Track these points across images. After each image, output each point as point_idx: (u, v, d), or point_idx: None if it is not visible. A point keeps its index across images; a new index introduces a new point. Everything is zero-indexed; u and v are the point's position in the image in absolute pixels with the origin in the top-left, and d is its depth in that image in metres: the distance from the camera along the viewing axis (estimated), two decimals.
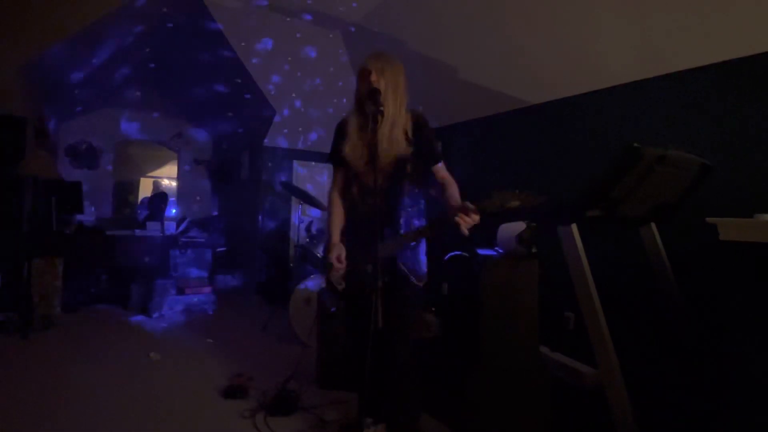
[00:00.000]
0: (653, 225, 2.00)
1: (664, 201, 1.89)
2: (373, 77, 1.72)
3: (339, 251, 1.79)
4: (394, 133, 1.72)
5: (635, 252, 2.14)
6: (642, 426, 1.78)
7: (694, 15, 2.08)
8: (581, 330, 2.19)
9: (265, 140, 5.09)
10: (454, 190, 1.74)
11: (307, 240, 3.91)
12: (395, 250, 1.73)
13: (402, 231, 1.76)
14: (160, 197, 5.57)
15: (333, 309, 1.90)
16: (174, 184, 6.75)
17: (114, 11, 3.28)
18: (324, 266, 1.95)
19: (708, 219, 1.85)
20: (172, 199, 6.37)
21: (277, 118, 4.78)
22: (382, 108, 1.64)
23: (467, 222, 1.45)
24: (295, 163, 5.34)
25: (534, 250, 2.26)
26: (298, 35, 3.94)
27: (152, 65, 4.72)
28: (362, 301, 1.84)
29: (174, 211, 6.42)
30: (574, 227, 1.79)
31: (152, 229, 4.49)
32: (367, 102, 1.69)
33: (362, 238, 1.77)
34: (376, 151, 1.59)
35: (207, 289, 4.68)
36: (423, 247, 1.86)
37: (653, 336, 2.34)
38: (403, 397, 1.82)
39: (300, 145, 5.29)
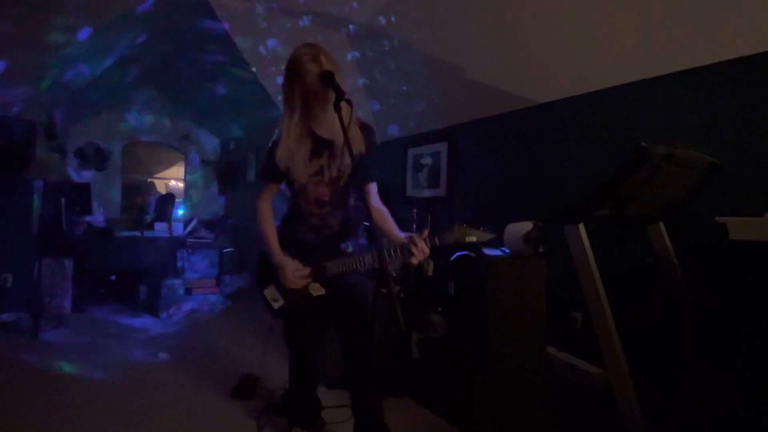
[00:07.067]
0: (661, 224, 1.98)
1: (673, 200, 1.88)
2: (323, 59, 1.45)
3: (295, 265, 1.70)
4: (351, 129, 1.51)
5: (643, 251, 2.13)
6: (651, 427, 1.77)
7: (701, 12, 2.06)
8: (589, 330, 2.18)
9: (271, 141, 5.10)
10: (392, 221, 1.69)
11: None
12: (345, 270, 1.66)
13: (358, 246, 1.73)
14: (167, 198, 5.61)
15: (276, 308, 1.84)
16: (181, 185, 6.79)
17: (122, 14, 3.31)
18: (261, 281, 1.87)
19: (717, 218, 1.83)
20: (179, 200, 6.41)
21: None
22: (345, 93, 1.33)
23: (424, 253, 1.47)
24: None
25: (541, 249, 2.25)
26: (303, 35, 3.96)
27: (159, 67, 4.76)
28: (301, 319, 1.85)
29: (181, 212, 6.46)
30: (581, 226, 1.78)
31: (160, 230, 4.52)
32: (322, 89, 1.42)
33: (311, 253, 1.71)
34: (348, 148, 1.32)
35: (214, 290, 4.71)
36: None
37: (662, 336, 2.32)
38: (366, 406, 1.81)
39: None
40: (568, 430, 2.11)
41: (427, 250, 1.47)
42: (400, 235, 1.59)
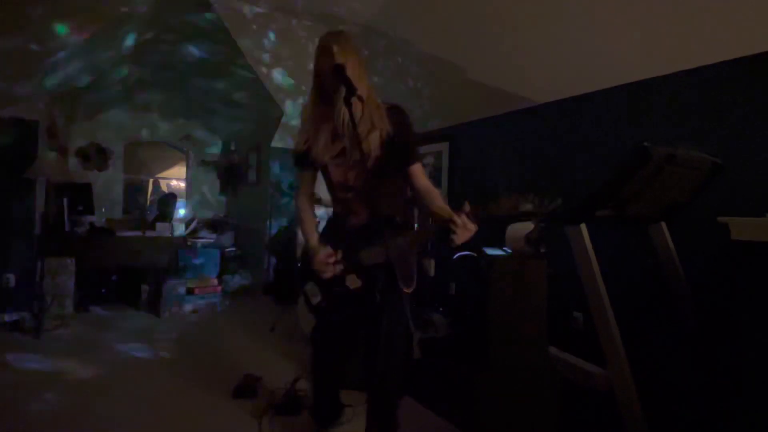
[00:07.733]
0: (663, 224, 1.98)
1: (675, 200, 1.88)
2: (336, 51, 1.46)
3: (327, 251, 1.61)
4: (370, 113, 1.51)
5: (645, 252, 2.13)
6: (652, 426, 1.77)
7: (702, 13, 2.05)
8: (590, 330, 2.18)
9: (273, 141, 5.12)
10: (442, 201, 1.52)
11: None
12: (380, 260, 1.55)
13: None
14: (169, 198, 5.61)
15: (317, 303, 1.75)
16: (183, 185, 6.80)
17: (123, 14, 3.32)
18: (302, 277, 1.78)
19: (719, 218, 1.84)
20: (181, 200, 6.42)
21: (284, 119, 4.80)
22: (356, 90, 1.36)
23: (468, 230, 1.28)
24: None
25: (542, 249, 2.25)
26: (304, 34, 3.96)
27: (160, 67, 4.76)
28: (340, 316, 1.78)
29: (183, 212, 6.47)
30: (583, 227, 1.78)
31: (162, 229, 4.53)
32: (335, 81, 1.44)
33: (344, 243, 1.63)
34: (357, 140, 1.35)
35: (216, 290, 4.71)
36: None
37: (663, 336, 2.32)
38: (386, 408, 1.72)
39: None
40: (569, 430, 2.11)
41: (471, 226, 1.28)
42: (448, 211, 1.39)
